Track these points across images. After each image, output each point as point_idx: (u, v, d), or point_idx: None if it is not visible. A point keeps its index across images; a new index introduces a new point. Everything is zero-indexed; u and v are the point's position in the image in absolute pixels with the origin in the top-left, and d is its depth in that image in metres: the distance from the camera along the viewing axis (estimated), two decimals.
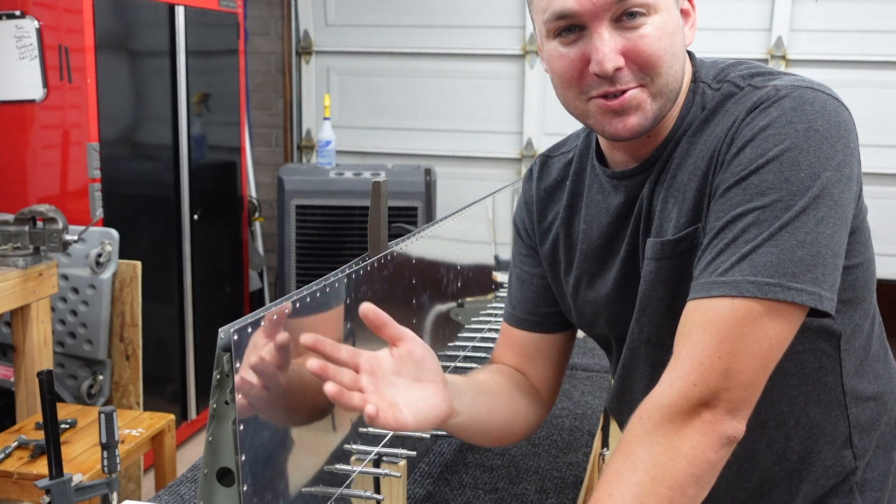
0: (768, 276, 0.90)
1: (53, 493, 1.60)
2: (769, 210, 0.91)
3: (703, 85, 1.05)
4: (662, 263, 1.04)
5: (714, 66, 1.08)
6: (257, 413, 0.90)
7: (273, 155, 4.72)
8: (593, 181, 1.16)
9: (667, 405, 0.91)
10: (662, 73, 1.00)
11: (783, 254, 0.90)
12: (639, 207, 1.09)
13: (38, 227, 2.44)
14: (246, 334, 0.87)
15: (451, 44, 4.39)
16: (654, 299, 1.06)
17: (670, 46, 1.00)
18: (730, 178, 0.95)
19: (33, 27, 2.90)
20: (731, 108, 1.01)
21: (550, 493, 1.40)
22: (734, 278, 0.91)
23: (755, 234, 0.91)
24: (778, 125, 0.93)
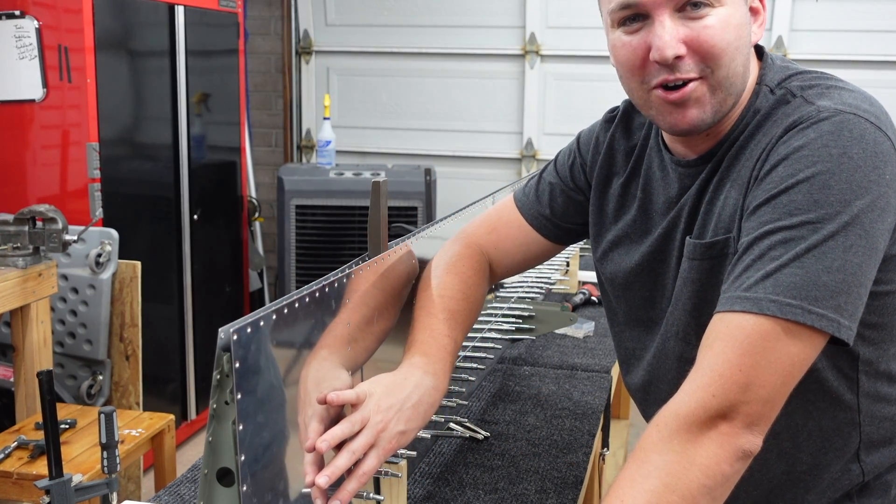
0: (790, 297, 0.90)
1: (53, 494, 1.60)
2: (796, 230, 0.91)
3: (766, 88, 1.06)
4: (694, 264, 1.07)
5: (783, 69, 1.08)
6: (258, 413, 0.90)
7: (273, 155, 4.72)
8: (656, 157, 1.18)
9: (684, 414, 0.91)
10: (724, 64, 1.01)
11: (808, 276, 0.90)
12: (685, 200, 1.11)
13: (37, 227, 2.44)
14: (246, 334, 0.87)
15: (452, 44, 4.39)
16: (684, 297, 1.09)
17: (734, 39, 1.01)
18: (760, 196, 0.96)
19: (33, 27, 2.89)
20: (778, 119, 1.01)
21: (550, 493, 1.40)
22: (756, 295, 0.91)
23: (781, 252, 0.92)
24: (812, 147, 0.94)
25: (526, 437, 1.61)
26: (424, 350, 1.12)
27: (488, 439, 1.58)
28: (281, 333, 0.94)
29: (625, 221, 1.22)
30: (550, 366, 2.00)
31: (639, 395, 1.27)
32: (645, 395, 1.24)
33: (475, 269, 1.30)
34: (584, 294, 2.48)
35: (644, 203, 1.19)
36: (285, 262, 3.99)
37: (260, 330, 0.90)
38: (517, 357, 2.03)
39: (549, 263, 2.28)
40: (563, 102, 4.25)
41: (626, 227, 1.21)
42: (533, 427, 1.66)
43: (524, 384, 1.88)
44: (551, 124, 4.27)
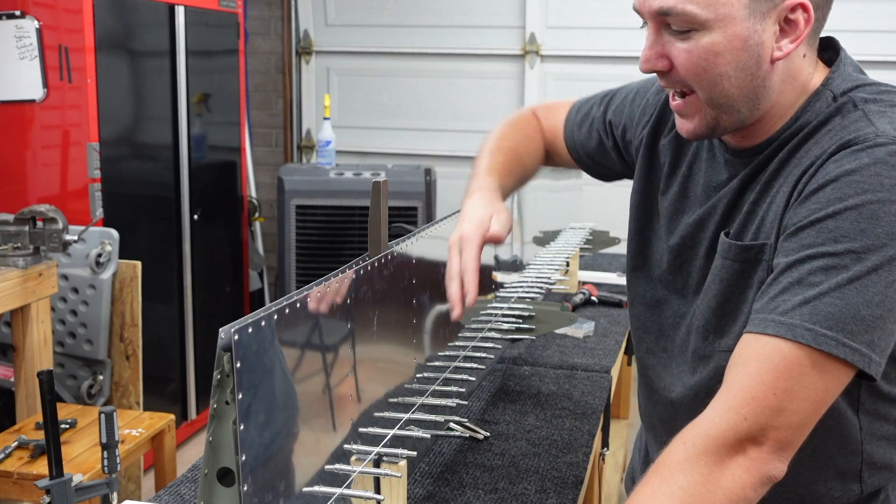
0: (827, 328, 0.89)
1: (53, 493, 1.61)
2: (839, 258, 0.90)
3: (829, 94, 1.03)
4: (727, 263, 1.06)
5: (852, 78, 1.05)
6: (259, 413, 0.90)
7: (273, 155, 4.72)
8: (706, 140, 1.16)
9: (713, 435, 0.90)
10: (703, 88, 1.00)
11: (847, 309, 0.89)
12: (725, 193, 1.10)
13: (38, 227, 2.44)
14: (247, 334, 0.87)
15: (452, 44, 4.39)
16: (710, 293, 1.09)
17: (711, 67, 0.98)
18: (804, 215, 0.94)
19: (33, 27, 2.90)
20: (833, 130, 0.99)
21: (550, 493, 1.40)
22: (793, 321, 0.90)
23: (821, 279, 0.90)
24: (864, 174, 0.91)
25: (526, 437, 1.61)
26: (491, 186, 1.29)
27: (488, 439, 1.58)
28: (282, 333, 0.94)
29: (668, 198, 1.20)
30: (550, 366, 2.00)
31: (643, 393, 1.27)
32: (648, 392, 1.24)
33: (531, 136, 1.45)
34: (584, 294, 2.48)
35: (685, 182, 1.18)
36: (285, 262, 3.99)
37: (261, 330, 0.90)
38: (517, 357, 2.03)
39: (549, 263, 2.28)
40: None
41: (669, 203, 1.20)
42: (533, 427, 1.66)
43: (524, 384, 1.88)
44: None
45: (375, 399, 1.20)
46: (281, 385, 0.95)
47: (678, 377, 1.18)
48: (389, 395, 1.25)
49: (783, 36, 0.99)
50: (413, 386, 1.33)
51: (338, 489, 1.04)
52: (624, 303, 2.45)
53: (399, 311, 1.30)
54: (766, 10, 0.96)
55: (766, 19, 0.97)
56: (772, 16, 0.97)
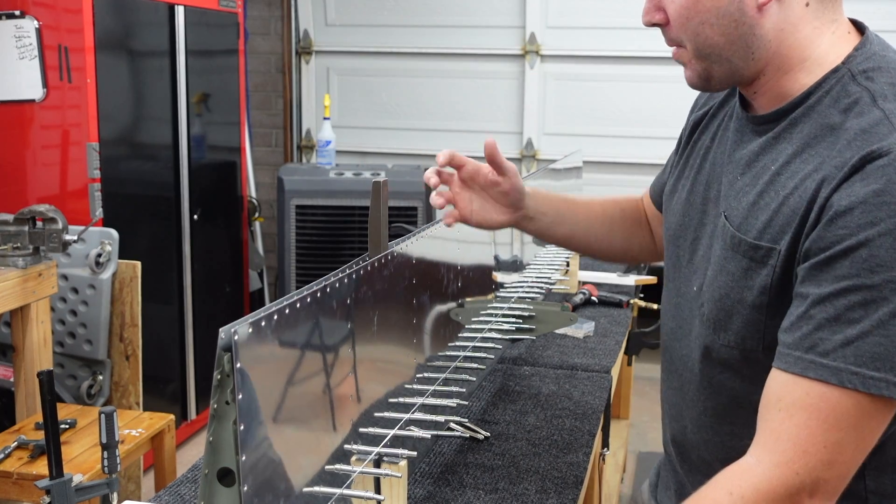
0: (874, 370, 0.86)
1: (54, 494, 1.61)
2: (878, 291, 0.86)
3: (848, 73, 0.98)
4: (736, 256, 1.03)
5: (873, 57, 0.99)
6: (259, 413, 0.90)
7: (273, 155, 4.72)
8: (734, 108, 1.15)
9: (765, 490, 0.88)
10: (689, 39, 1.02)
11: (892, 346, 0.85)
12: (735, 156, 1.09)
13: (37, 227, 2.44)
14: (247, 334, 0.87)
15: (452, 44, 4.39)
16: (716, 283, 1.06)
17: (693, 15, 1.00)
18: (835, 243, 0.89)
19: (33, 27, 2.89)
20: (851, 129, 0.93)
21: (550, 493, 1.40)
22: (837, 364, 0.87)
23: (860, 315, 0.86)
24: (893, 193, 0.86)
25: (526, 437, 1.61)
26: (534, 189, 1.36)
27: (488, 439, 1.58)
28: (282, 333, 0.94)
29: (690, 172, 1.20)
30: (550, 366, 2.00)
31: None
32: (665, 362, 1.25)
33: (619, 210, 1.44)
34: (584, 294, 2.48)
35: (706, 154, 1.17)
36: (285, 262, 3.99)
37: (261, 330, 0.90)
38: (517, 357, 2.03)
39: (550, 263, 2.28)
40: (563, 102, 4.25)
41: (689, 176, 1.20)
42: (533, 427, 1.66)
43: (524, 384, 1.88)
44: (551, 124, 4.28)
45: (376, 399, 1.20)
46: (281, 385, 0.95)
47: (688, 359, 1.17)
48: (390, 396, 1.25)
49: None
50: (413, 386, 1.33)
51: (338, 489, 1.04)
52: (624, 303, 2.45)
53: (399, 312, 1.29)
54: None
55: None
56: None
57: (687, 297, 1.16)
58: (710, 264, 1.10)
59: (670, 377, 1.23)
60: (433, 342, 1.45)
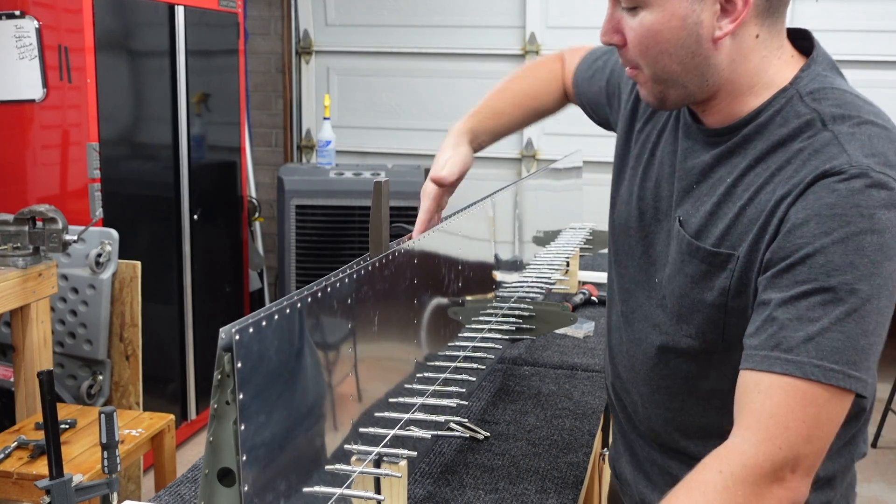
0: (833, 363, 0.93)
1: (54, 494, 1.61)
2: (834, 292, 0.94)
3: (797, 95, 1.05)
4: (691, 260, 1.10)
5: (821, 79, 1.06)
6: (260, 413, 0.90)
7: (273, 155, 4.72)
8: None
9: (751, 465, 0.93)
10: (647, 65, 1.06)
11: (849, 341, 0.93)
12: (690, 170, 1.13)
13: (37, 227, 2.44)
14: (248, 334, 0.87)
15: (451, 44, 4.39)
16: (676, 282, 1.13)
17: (653, 45, 1.03)
18: (793, 251, 0.97)
19: (33, 27, 2.90)
20: (805, 151, 1.00)
21: (550, 493, 1.40)
22: (800, 359, 0.94)
23: (820, 314, 0.94)
24: (845, 206, 0.95)
25: (526, 437, 1.61)
26: (475, 134, 1.50)
27: (488, 439, 1.59)
28: (283, 333, 0.94)
29: (636, 160, 1.25)
30: (550, 366, 2.00)
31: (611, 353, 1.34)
32: (614, 354, 1.31)
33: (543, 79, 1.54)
34: (584, 294, 2.48)
35: (654, 148, 1.21)
36: (285, 262, 3.99)
37: (262, 330, 0.90)
38: (517, 357, 2.03)
39: (550, 263, 2.27)
40: None
41: (634, 166, 1.25)
42: (533, 427, 1.66)
43: (524, 384, 1.88)
44: (551, 124, 4.25)
45: (376, 399, 1.20)
46: (282, 385, 0.95)
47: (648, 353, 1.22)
48: (390, 396, 1.25)
49: (724, 16, 1.01)
50: (413, 386, 1.33)
51: (338, 489, 1.04)
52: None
53: (399, 311, 1.29)
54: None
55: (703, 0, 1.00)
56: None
57: (643, 286, 1.22)
58: (668, 261, 1.16)
59: (621, 356, 1.29)
60: (433, 342, 1.45)
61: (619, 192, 1.29)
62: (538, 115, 1.59)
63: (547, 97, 1.56)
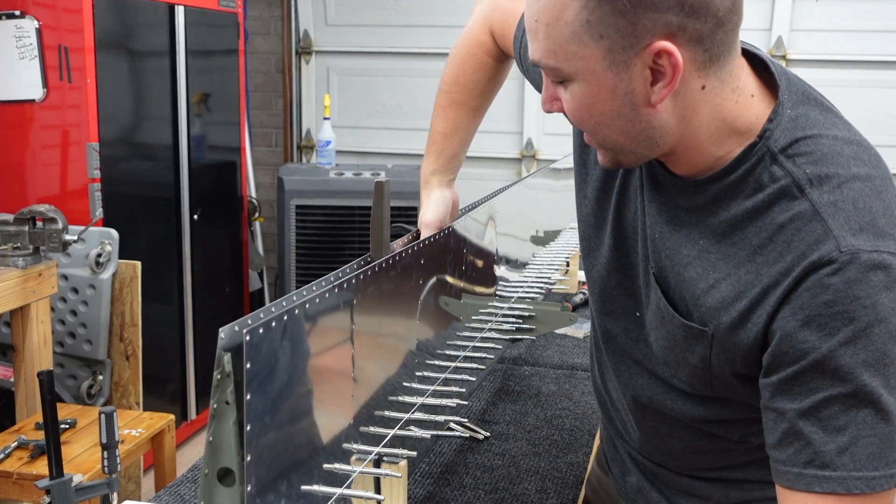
0: (873, 470, 0.90)
1: (54, 494, 1.61)
2: (854, 397, 0.89)
3: (768, 153, 0.95)
4: (671, 321, 1.05)
5: (792, 124, 0.96)
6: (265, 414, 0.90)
7: (273, 155, 4.72)
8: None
9: None
10: (588, 133, 0.99)
11: (883, 442, 0.90)
12: (649, 224, 1.07)
13: (37, 227, 2.44)
14: (257, 335, 0.87)
15: (451, 44, 4.37)
16: (659, 333, 1.09)
17: (588, 116, 0.96)
18: (799, 358, 0.91)
19: (33, 27, 2.90)
20: (786, 229, 0.93)
21: (550, 493, 1.40)
22: (839, 474, 0.90)
23: (845, 421, 0.90)
24: (845, 301, 0.89)
25: (526, 437, 1.61)
26: (442, 170, 1.54)
27: (488, 439, 1.59)
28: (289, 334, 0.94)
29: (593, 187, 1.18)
30: (550, 366, 2.00)
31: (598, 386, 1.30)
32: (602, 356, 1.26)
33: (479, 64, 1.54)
34: (584, 294, 2.48)
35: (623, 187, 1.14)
36: (285, 262, 3.99)
37: (271, 331, 0.90)
38: (517, 357, 2.03)
39: (550, 263, 2.28)
40: None
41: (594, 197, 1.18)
42: (533, 427, 1.66)
43: (524, 384, 1.89)
44: (551, 124, 4.27)
45: (376, 399, 1.20)
46: (286, 386, 0.95)
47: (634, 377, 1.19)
48: (390, 395, 1.25)
49: (657, 80, 0.91)
50: (413, 386, 1.33)
51: (338, 489, 1.04)
52: None
53: (400, 312, 1.30)
54: (626, 60, 0.90)
55: (630, 68, 0.91)
56: (636, 63, 0.90)
57: (621, 316, 1.17)
58: (648, 302, 1.10)
59: (609, 374, 1.25)
60: (433, 342, 1.45)
61: (582, 202, 1.22)
62: (491, 101, 1.58)
63: (492, 84, 1.54)
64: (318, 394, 1.04)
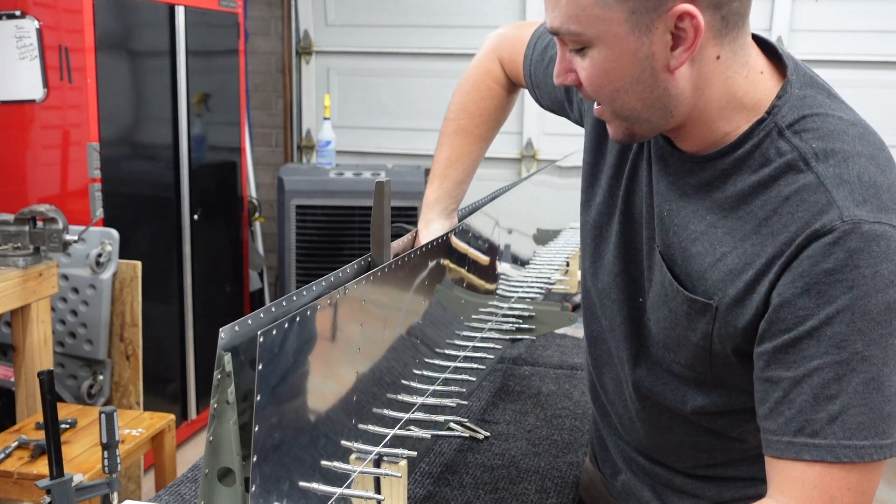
0: (863, 439, 0.90)
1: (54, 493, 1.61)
2: (847, 364, 0.90)
3: (775, 128, 0.98)
4: (674, 298, 1.06)
5: (800, 103, 0.99)
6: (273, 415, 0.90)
7: (273, 155, 4.72)
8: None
9: None
10: (606, 102, 1.00)
11: (873, 413, 0.90)
12: (657, 201, 1.09)
13: (38, 227, 2.44)
14: (271, 336, 0.87)
15: (451, 44, 4.39)
16: (661, 314, 1.09)
17: (607, 83, 0.97)
18: (797, 324, 0.92)
19: (33, 27, 2.90)
20: (791, 200, 0.94)
21: (550, 493, 1.41)
22: (828, 442, 0.91)
23: (837, 390, 0.90)
24: (845, 270, 0.90)
25: (526, 437, 1.61)
26: (445, 197, 1.52)
27: (488, 439, 1.59)
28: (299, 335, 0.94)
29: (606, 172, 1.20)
30: (550, 366, 2.00)
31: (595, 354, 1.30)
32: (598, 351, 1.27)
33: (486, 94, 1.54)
34: None
35: (634, 169, 1.16)
36: (285, 262, 3.99)
37: (284, 332, 0.90)
38: (517, 357, 2.03)
39: (549, 263, 2.28)
40: None
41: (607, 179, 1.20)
42: (533, 427, 1.66)
43: (524, 384, 1.89)
44: (551, 124, 4.27)
45: (376, 399, 1.20)
46: (293, 387, 0.95)
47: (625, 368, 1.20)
48: (390, 395, 1.25)
49: (677, 45, 0.94)
50: (413, 386, 1.33)
51: (338, 489, 1.04)
52: None
53: (402, 312, 1.30)
54: (648, 23, 0.92)
55: (651, 31, 0.93)
56: (658, 27, 0.93)
57: (622, 305, 1.18)
58: (651, 286, 1.12)
59: (606, 369, 1.26)
60: (433, 342, 1.45)
61: (592, 198, 1.24)
62: (497, 131, 1.57)
63: (500, 113, 1.55)
64: (321, 394, 1.04)
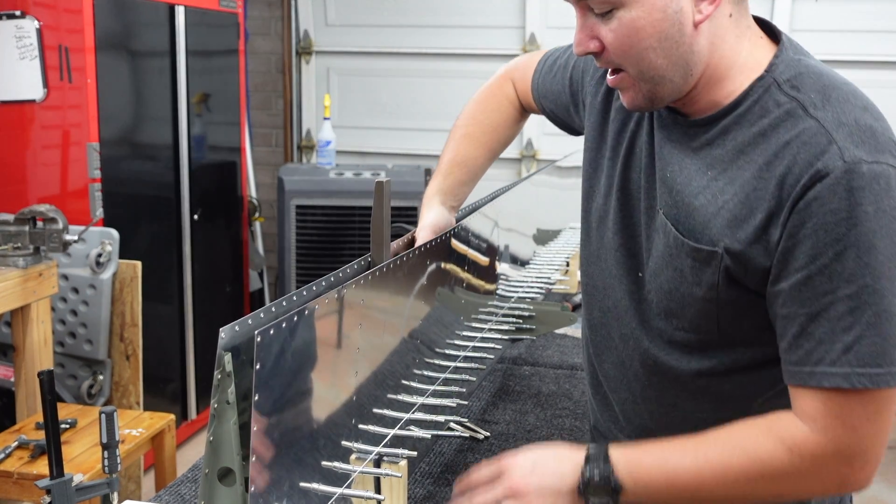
0: (877, 367, 0.96)
1: (54, 493, 1.61)
2: (858, 298, 0.95)
3: (774, 83, 1.04)
4: (678, 253, 1.08)
5: (796, 63, 1.05)
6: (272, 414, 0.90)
7: (273, 155, 4.72)
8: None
9: (821, 455, 1.00)
10: (632, 64, 1.04)
11: (886, 342, 0.96)
12: (669, 164, 1.11)
13: (38, 227, 2.44)
14: (268, 336, 0.87)
15: (451, 44, 4.39)
16: (663, 277, 1.12)
17: (636, 42, 1.02)
18: (807, 263, 0.97)
19: (33, 27, 2.90)
20: (791, 143, 0.99)
21: None
22: (844, 370, 0.97)
23: (850, 321, 0.96)
24: (848, 209, 0.95)
25: (526, 437, 1.61)
26: (447, 192, 1.53)
27: (488, 439, 1.59)
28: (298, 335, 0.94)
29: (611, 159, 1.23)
30: (550, 366, 2.00)
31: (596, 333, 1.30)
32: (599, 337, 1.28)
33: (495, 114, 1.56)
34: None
35: (631, 145, 1.20)
36: (285, 262, 3.99)
37: (282, 332, 0.90)
38: (517, 357, 2.03)
39: (549, 263, 2.28)
40: None
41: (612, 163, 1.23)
42: (533, 427, 1.66)
43: (524, 384, 1.89)
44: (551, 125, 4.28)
45: (376, 399, 1.20)
46: (292, 387, 0.95)
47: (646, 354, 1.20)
48: (390, 395, 1.25)
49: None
50: (413, 385, 1.33)
51: (338, 489, 1.04)
52: None
53: (402, 312, 1.30)
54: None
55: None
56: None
57: (621, 280, 1.20)
58: (651, 255, 1.15)
59: (608, 353, 1.27)
60: (434, 342, 1.45)
61: (595, 184, 1.28)
62: (503, 147, 1.60)
63: (507, 129, 1.58)
64: (320, 393, 1.04)
